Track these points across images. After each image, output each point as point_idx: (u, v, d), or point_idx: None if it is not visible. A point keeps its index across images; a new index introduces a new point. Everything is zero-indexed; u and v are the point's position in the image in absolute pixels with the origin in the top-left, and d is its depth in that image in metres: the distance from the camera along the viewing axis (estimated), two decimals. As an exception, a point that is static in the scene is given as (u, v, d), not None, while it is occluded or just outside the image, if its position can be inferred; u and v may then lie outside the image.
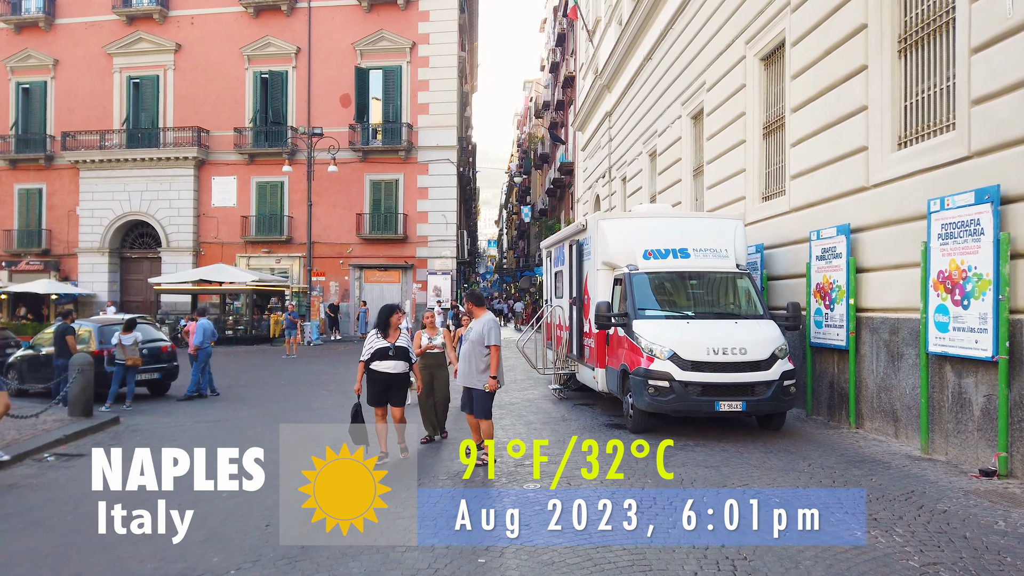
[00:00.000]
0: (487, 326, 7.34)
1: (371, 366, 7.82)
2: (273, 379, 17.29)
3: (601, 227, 10.75)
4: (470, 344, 7.41)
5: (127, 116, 35.36)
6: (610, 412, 11.26)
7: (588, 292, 11.43)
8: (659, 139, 20.08)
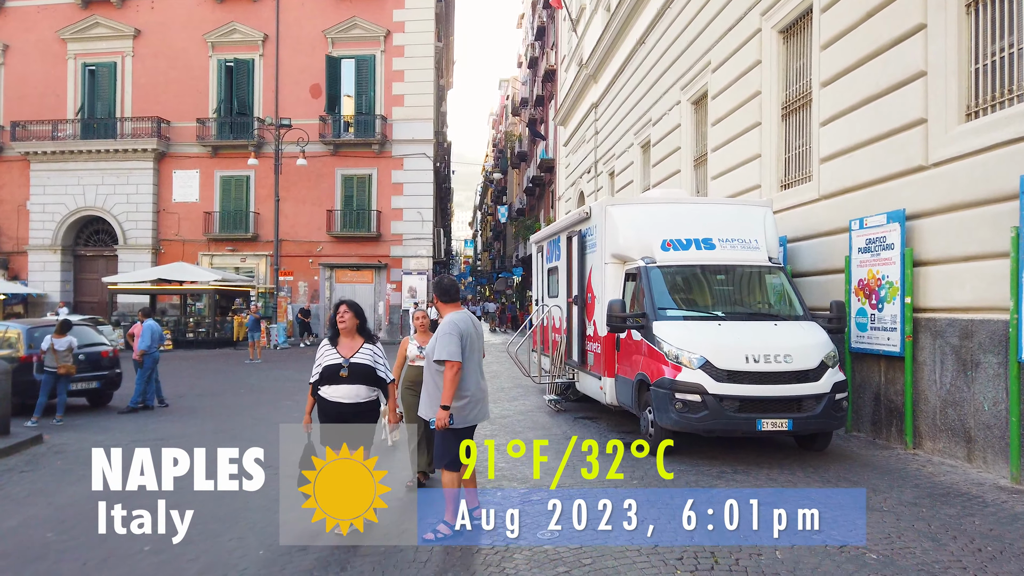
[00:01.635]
0: (440, 332, 5.31)
1: (320, 392, 5.68)
2: (231, 387, 15.57)
3: (611, 214, 9.28)
4: (428, 356, 5.44)
5: (82, 105, 33.22)
6: (619, 427, 9.79)
7: (592, 289, 9.95)
8: (653, 128, 18.69)
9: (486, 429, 9.86)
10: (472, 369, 5.31)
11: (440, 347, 5.18)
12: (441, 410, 5.12)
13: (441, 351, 5.16)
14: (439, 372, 5.23)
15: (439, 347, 5.19)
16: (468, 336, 5.24)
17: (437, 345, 5.23)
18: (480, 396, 5.41)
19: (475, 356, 5.38)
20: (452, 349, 5.12)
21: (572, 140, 31.03)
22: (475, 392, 5.34)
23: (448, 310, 5.45)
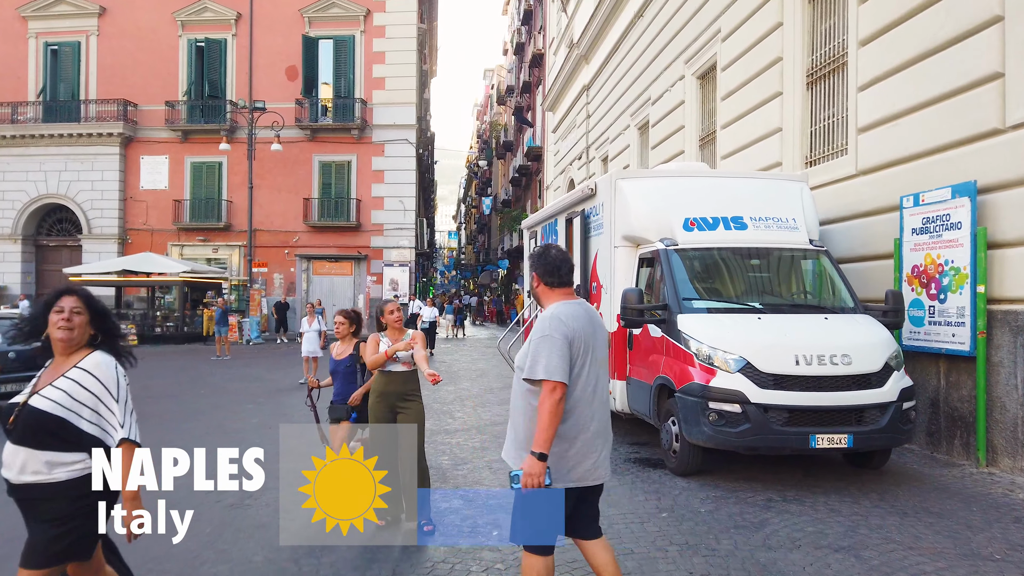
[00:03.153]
0: (536, 333, 3.34)
1: None
2: (192, 387, 14.08)
3: (622, 190, 7.90)
4: (517, 368, 3.51)
5: (43, 87, 31.38)
6: (631, 438, 8.44)
7: (598, 278, 8.59)
8: (653, 108, 17.35)
9: (475, 439, 8.48)
10: (588, 394, 3.34)
11: (533, 357, 3.23)
12: (532, 459, 3.14)
13: (534, 364, 3.21)
14: (532, 394, 3.31)
15: (531, 357, 3.25)
16: (582, 342, 3.29)
17: (529, 353, 3.29)
18: (600, 439, 3.39)
19: (595, 372, 3.38)
20: (553, 362, 3.16)
21: (561, 126, 29.64)
22: (592, 432, 3.34)
23: (553, 298, 3.42)
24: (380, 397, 5.39)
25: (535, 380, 3.23)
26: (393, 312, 5.51)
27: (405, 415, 5.35)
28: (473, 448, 8.02)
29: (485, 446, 8.16)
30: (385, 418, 5.37)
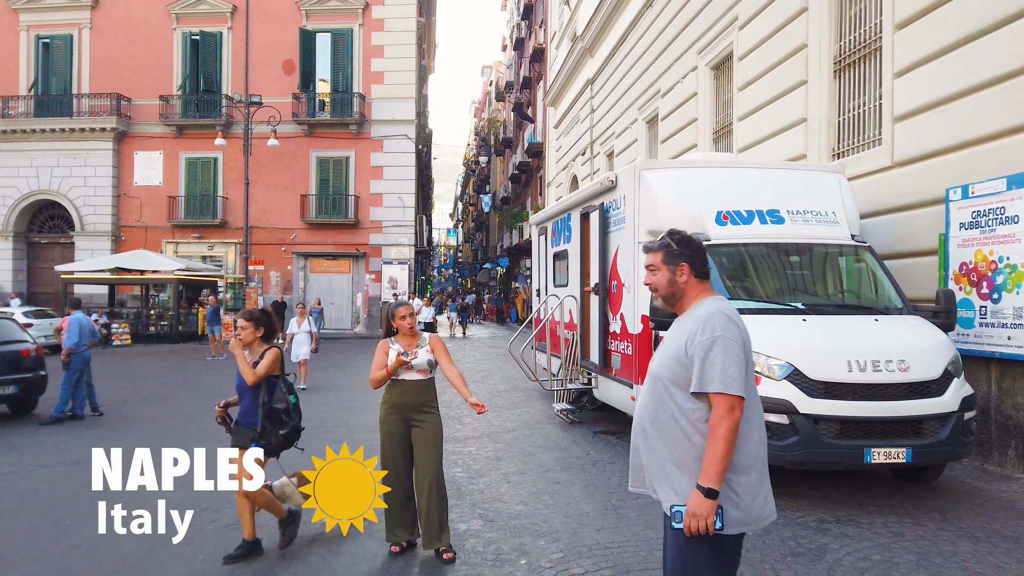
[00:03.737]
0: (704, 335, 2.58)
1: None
2: (185, 389, 13.50)
3: (647, 181, 7.35)
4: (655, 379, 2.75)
5: (35, 81, 30.75)
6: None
7: (619, 276, 8.04)
8: (662, 100, 16.81)
9: (488, 447, 7.93)
10: (759, 411, 2.71)
11: (708, 366, 2.51)
12: (699, 495, 2.48)
13: (706, 373, 2.51)
14: (695, 413, 2.56)
15: (706, 366, 2.51)
16: (749, 347, 2.67)
17: (700, 361, 2.53)
18: (766, 466, 2.72)
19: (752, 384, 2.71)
20: (730, 371, 2.49)
21: (564, 121, 29.09)
22: (764, 457, 2.71)
23: (703, 293, 2.73)
24: (393, 409, 4.82)
25: (702, 393, 2.51)
26: (406, 317, 4.89)
27: (421, 429, 4.79)
28: (487, 458, 7.47)
29: (500, 456, 7.61)
30: (399, 432, 4.81)
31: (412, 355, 4.73)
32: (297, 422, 5.03)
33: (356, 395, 12.35)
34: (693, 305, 2.69)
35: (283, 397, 4.97)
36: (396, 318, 4.90)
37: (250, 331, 5.02)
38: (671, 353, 2.63)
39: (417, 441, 4.78)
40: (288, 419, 4.96)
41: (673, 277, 2.72)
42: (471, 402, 4.68)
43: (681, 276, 2.70)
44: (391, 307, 4.98)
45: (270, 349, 4.97)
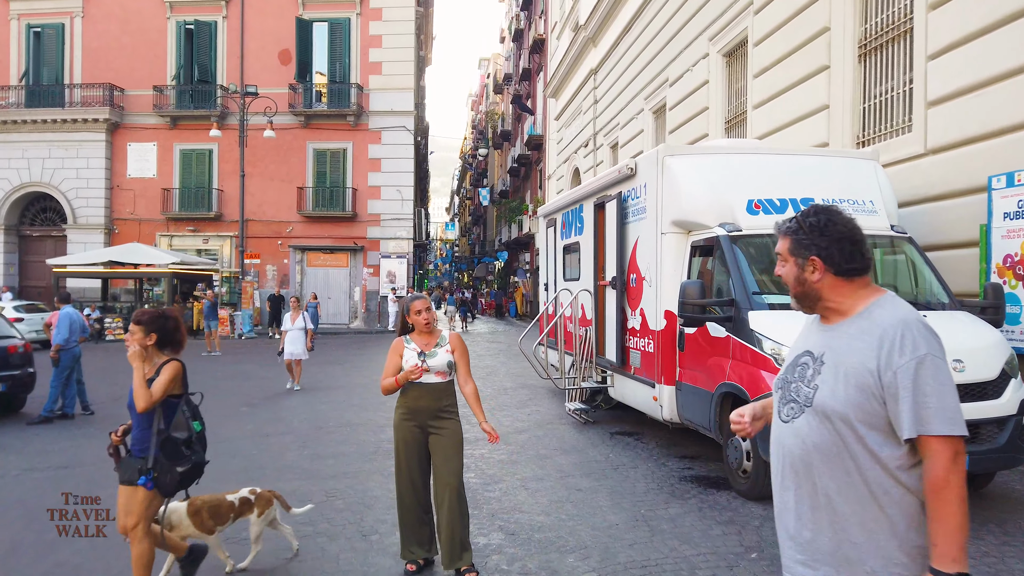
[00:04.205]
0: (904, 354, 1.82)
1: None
2: (180, 387, 13.01)
3: (670, 168, 6.91)
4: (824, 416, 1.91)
5: (26, 71, 30.16)
6: (677, 450, 7.49)
7: (638, 268, 7.61)
8: (671, 90, 16.37)
9: (500, 450, 7.51)
10: None
11: (921, 398, 1.79)
12: None
13: (926, 409, 1.79)
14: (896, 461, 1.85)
15: (919, 398, 1.79)
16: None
17: (910, 393, 1.80)
18: None
19: None
20: (952, 402, 1.82)
21: (565, 113, 28.62)
22: None
23: (863, 294, 2.00)
24: (409, 414, 4.38)
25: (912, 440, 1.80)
26: (422, 312, 4.41)
27: (439, 437, 4.35)
28: (501, 462, 7.05)
29: (514, 459, 7.18)
30: (415, 440, 4.37)
31: (423, 368, 4.27)
32: (201, 456, 4.01)
33: (358, 393, 11.91)
34: (858, 309, 1.95)
35: (185, 423, 3.92)
36: (411, 312, 4.44)
37: (139, 335, 3.88)
38: (851, 379, 1.85)
39: (435, 449, 4.35)
40: (189, 452, 3.90)
41: (801, 274, 2.03)
42: (484, 428, 4.32)
43: (812, 273, 1.99)
44: (406, 300, 4.53)
45: (169, 363, 3.88)
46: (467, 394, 4.43)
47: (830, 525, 1.89)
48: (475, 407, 4.40)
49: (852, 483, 1.86)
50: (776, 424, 2.07)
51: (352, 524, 5.27)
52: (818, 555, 1.91)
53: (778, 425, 2.05)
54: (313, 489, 6.20)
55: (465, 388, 4.43)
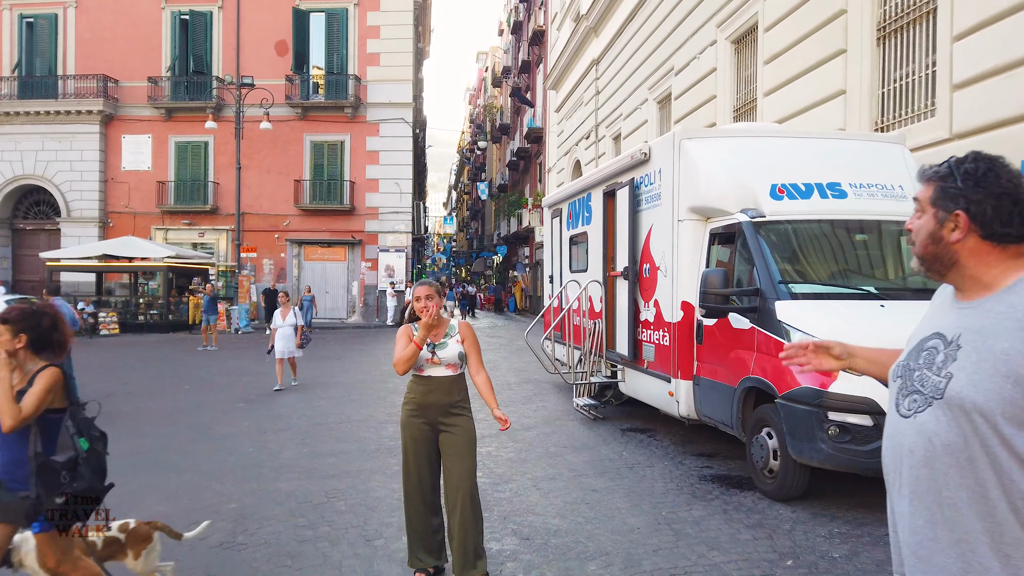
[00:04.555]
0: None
1: None
2: (175, 383, 12.69)
3: (688, 152, 6.58)
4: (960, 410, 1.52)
5: (19, 61, 29.71)
6: (693, 447, 7.17)
7: (652, 258, 7.28)
8: (676, 79, 16.03)
9: (508, 448, 7.19)
10: None
11: None
12: None
13: None
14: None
15: None
16: None
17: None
18: None
19: None
20: None
21: (566, 105, 28.25)
22: None
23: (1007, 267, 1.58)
24: (418, 411, 4.04)
25: None
26: (421, 299, 4.00)
27: (451, 435, 4.01)
28: (509, 460, 6.73)
29: (523, 457, 6.86)
30: (424, 438, 4.04)
31: (433, 360, 3.96)
32: (91, 481, 3.20)
33: (357, 389, 11.58)
34: (1007, 282, 1.57)
35: (69, 442, 3.16)
36: (410, 298, 4.10)
37: (5, 340, 3.13)
38: (1000, 367, 1.48)
39: (446, 449, 4.02)
40: (75, 478, 3.14)
41: (938, 230, 1.64)
42: (496, 415, 4.01)
43: (952, 231, 1.61)
44: (413, 287, 4.20)
45: (45, 370, 3.14)
46: (479, 383, 4.11)
47: (956, 544, 1.53)
48: (488, 396, 4.08)
49: (988, 495, 1.50)
50: (893, 419, 1.72)
51: (355, 528, 4.94)
52: (932, 564, 1.56)
53: (896, 420, 1.69)
54: (312, 489, 5.87)
55: (477, 378, 4.11)
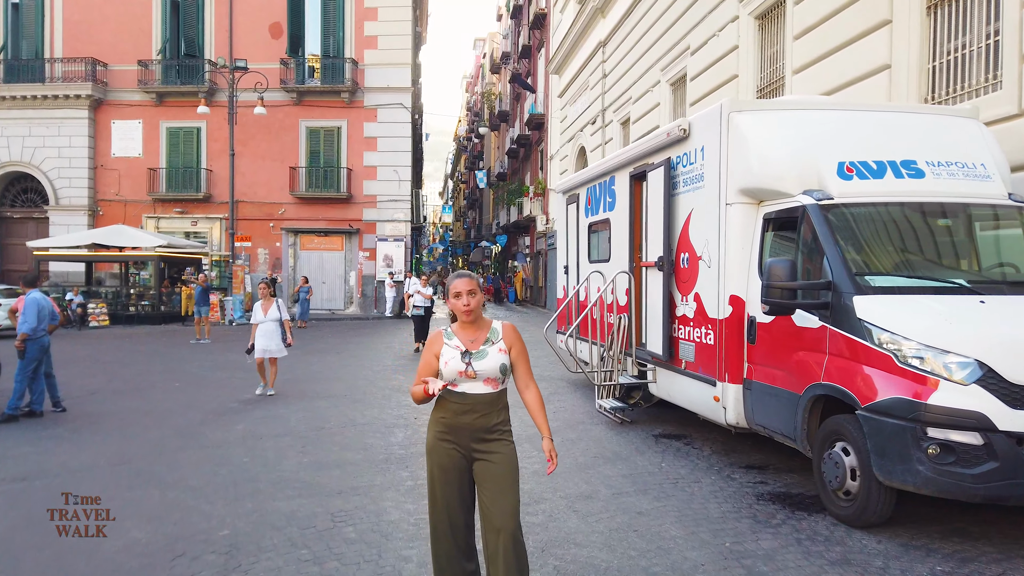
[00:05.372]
0: None
1: None
2: (164, 378, 11.93)
3: (738, 126, 5.83)
4: None
5: (4, 44, 28.75)
6: (739, 458, 6.45)
7: (692, 246, 6.53)
8: (691, 58, 15.24)
9: (534, 459, 6.44)
10: None
11: None
12: None
13: None
14: None
15: None
16: None
17: None
18: None
19: None
20: None
21: (570, 90, 27.42)
22: None
23: None
24: (448, 433, 3.29)
25: None
26: (461, 295, 3.29)
27: (488, 464, 3.27)
28: (536, 473, 6.00)
29: (555, 477, 6.11)
30: (455, 467, 3.29)
31: (469, 373, 3.22)
32: None
33: (360, 387, 10.84)
34: None
35: None
36: (450, 295, 3.36)
37: None
38: None
39: (483, 481, 3.27)
40: None
41: None
42: (545, 448, 3.37)
43: None
44: (450, 280, 3.42)
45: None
46: (529, 401, 3.39)
47: None
48: (540, 418, 3.37)
49: None
50: None
51: (369, 563, 4.21)
52: None
53: None
54: (316, 510, 5.14)
55: (527, 393, 3.39)
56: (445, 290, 3.46)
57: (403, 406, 9.27)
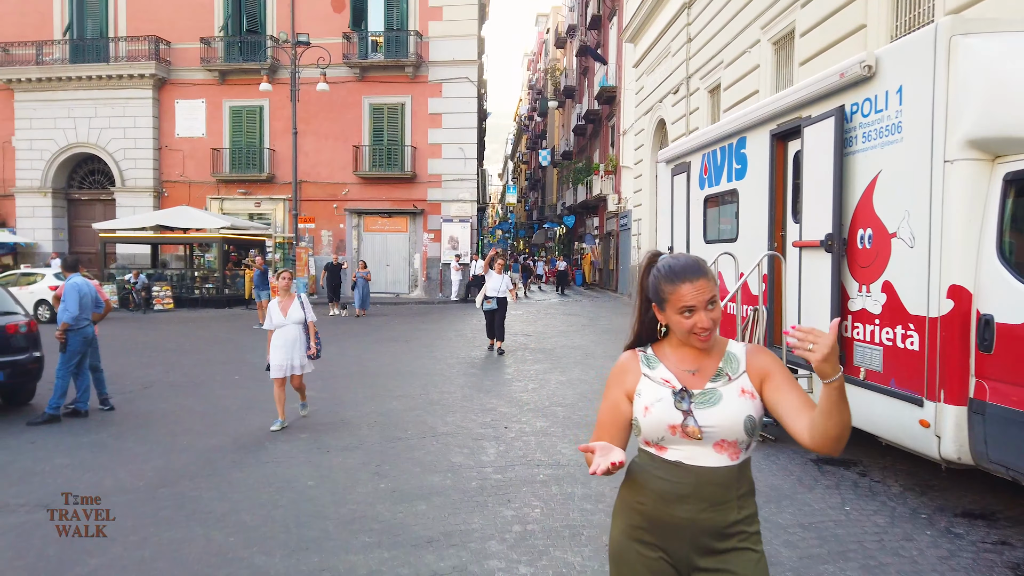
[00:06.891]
0: None
1: None
2: (224, 370, 10.93)
3: (964, 55, 4.27)
4: None
5: (69, 24, 28.48)
6: (947, 499, 4.95)
7: (880, 219, 5.00)
8: (802, 12, 13.41)
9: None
10: None
11: None
12: None
13: None
14: None
15: None
16: None
17: None
18: None
19: None
20: None
21: (647, 58, 25.59)
22: None
23: None
24: (650, 529, 1.93)
25: None
26: (696, 309, 1.86)
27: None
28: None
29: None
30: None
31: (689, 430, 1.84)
32: None
33: (435, 384, 9.59)
34: None
35: None
36: (667, 305, 1.92)
37: None
38: None
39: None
40: None
41: None
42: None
43: None
44: (656, 274, 1.97)
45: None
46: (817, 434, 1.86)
47: None
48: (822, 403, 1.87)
49: None
50: None
51: None
52: None
53: None
54: (402, 571, 3.85)
55: (812, 432, 1.81)
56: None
57: (487, 410, 7.98)
